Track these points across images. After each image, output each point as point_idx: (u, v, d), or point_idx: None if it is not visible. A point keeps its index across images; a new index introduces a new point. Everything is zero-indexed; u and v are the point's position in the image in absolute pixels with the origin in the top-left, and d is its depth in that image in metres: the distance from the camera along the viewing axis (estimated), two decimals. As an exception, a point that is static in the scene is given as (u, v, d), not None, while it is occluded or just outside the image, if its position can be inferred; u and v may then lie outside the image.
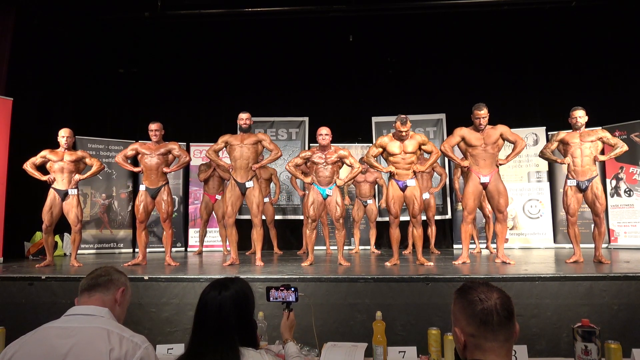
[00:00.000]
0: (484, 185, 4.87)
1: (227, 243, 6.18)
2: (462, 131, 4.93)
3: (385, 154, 5.00)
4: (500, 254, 4.85)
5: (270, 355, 1.71)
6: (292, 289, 2.05)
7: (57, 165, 5.32)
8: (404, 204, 5.04)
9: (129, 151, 5.44)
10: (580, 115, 4.82)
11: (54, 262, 5.31)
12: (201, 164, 7.14)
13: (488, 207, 6.12)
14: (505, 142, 4.92)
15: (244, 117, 5.20)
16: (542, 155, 5.16)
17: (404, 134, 4.86)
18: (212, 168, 6.96)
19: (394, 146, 4.92)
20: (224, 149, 5.31)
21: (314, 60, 8.00)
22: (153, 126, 5.46)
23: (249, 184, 5.16)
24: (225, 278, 1.78)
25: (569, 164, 4.90)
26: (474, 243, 6.84)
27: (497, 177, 4.88)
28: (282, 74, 8.05)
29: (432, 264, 4.78)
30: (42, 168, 5.38)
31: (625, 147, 4.78)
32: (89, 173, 5.48)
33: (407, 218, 5.15)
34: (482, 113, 4.76)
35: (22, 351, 1.56)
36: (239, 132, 5.27)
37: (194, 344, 1.65)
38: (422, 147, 4.95)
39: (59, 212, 5.33)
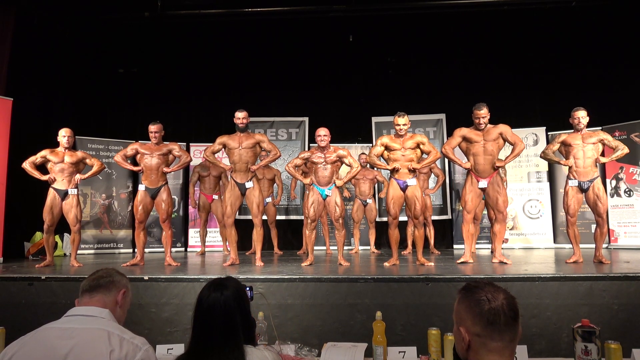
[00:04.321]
0: (482, 190, 4.88)
1: (227, 243, 6.16)
2: (462, 131, 4.93)
3: (386, 153, 5.01)
4: (498, 254, 4.85)
5: (270, 352, 1.72)
6: (247, 288, 2.08)
7: (57, 166, 5.31)
8: (404, 205, 5.04)
9: (129, 151, 5.43)
10: (582, 116, 4.82)
11: (54, 262, 5.30)
12: (196, 166, 7.08)
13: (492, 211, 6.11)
14: (506, 142, 4.92)
15: (240, 117, 5.14)
16: (543, 156, 5.13)
17: (400, 127, 4.87)
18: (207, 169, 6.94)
19: (394, 142, 4.95)
20: (223, 149, 5.30)
21: (314, 60, 8.00)
22: (153, 128, 5.42)
23: (248, 185, 5.15)
24: (220, 278, 1.78)
25: (570, 165, 4.91)
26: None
27: (496, 179, 4.87)
28: (282, 73, 8.05)
29: (432, 264, 4.78)
30: (42, 168, 5.37)
31: (626, 150, 4.78)
32: (90, 173, 5.47)
33: (405, 218, 5.15)
34: (482, 113, 4.76)
35: (22, 352, 1.56)
36: (236, 131, 5.23)
37: (197, 346, 1.64)
38: (421, 147, 4.96)
39: (60, 212, 5.32)
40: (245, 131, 5.20)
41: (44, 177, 5.26)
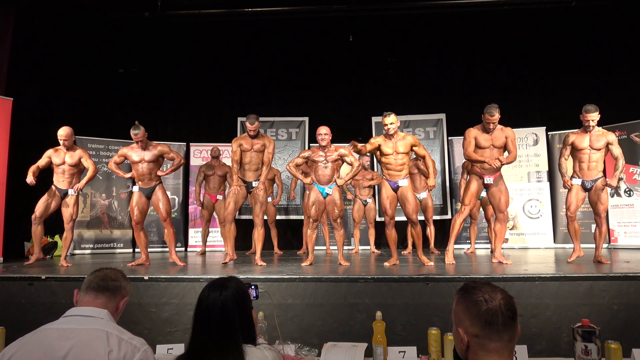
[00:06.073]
0: (487, 186, 4.88)
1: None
2: (472, 133, 4.89)
3: (379, 154, 5.01)
4: (497, 254, 4.84)
5: (270, 351, 1.72)
6: (252, 287, 2.06)
7: (59, 168, 5.31)
8: (399, 204, 5.05)
9: (117, 158, 5.36)
10: (593, 119, 4.75)
11: (42, 256, 5.25)
12: (201, 166, 7.09)
13: (490, 211, 6.11)
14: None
15: (252, 128, 5.08)
16: (559, 167, 5.09)
17: (388, 127, 4.86)
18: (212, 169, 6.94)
19: (387, 146, 4.93)
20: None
21: (314, 60, 7.99)
22: (136, 136, 5.14)
23: (255, 183, 5.19)
24: (221, 278, 1.78)
25: (574, 165, 4.92)
26: (470, 243, 6.86)
27: (500, 178, 4.89)
28: (282, 74, 8.05)
29: (432, 263, 4.79)
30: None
31: (624, 163, 4.83)
32: (85, 180, 5.41)
33: (403, 218, 5.15)
34: (494, 118, 4.72)
35: (21, 352, 1.56)
36: (246, 134, 5.23)
37: (196, 346, 1.65)
38: (414, 148, 4.95)
39: (55, 208, 5.32)
40: (257, 136, 5.21)
41: (29, 180, 5.15)
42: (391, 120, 4.87)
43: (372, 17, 7.59)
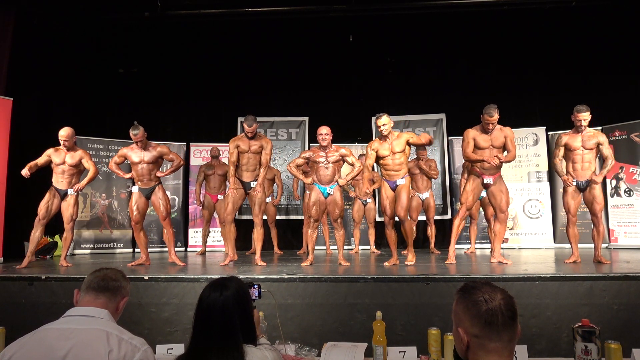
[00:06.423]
0: (487, 186, 4.88)
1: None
2: (471, 134, 4.89)
3: (376, 158, 5.01)
4: (497, 254, 4.84)
5: (270, 351, 1.72)
6: (255, 286, 2.06)
7: (59, 167, 5.30)
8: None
9: (117, 159, 5.37)
10: (585, 118, 4.77)
11: (34, 259, 5.23)
12: (202, 166, 7.09)
13: (490, 211, 6.11)
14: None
15: (249, 130, 5.10)
16: (554, 167, 5.15)
17: (381, 128, 4.87)
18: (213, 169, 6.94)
19: (383, 149, 4.94)
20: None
21: (314, 60, 7.99)
22: (136, 136, 5.14)
23: (253, 184, 5.19)
24: (222, 278, 1.78)
25: (567, 166, 4.94)
26: (470, 243, 6.87)
27: (500, 178, 4.90)
28: (282, 74, 8.05)
29: (412, 263, 4.81)
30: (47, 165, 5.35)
31: (613, 163, 4.87)
32: (85, 181, 5.40)
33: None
34: (493, 119, 4.72)
35: (21, 352, 1.56)
36: (244, 135, 5.22)
37: (197, 346, 1.65)
38: (410, 141, 4.95)
39: (56, 209, 5.31)
40: (254, 137, 5.20)
41: (24, 173, 5.11)
42: (384, 122, 4.87)
43: (372, 17, 7.59)
